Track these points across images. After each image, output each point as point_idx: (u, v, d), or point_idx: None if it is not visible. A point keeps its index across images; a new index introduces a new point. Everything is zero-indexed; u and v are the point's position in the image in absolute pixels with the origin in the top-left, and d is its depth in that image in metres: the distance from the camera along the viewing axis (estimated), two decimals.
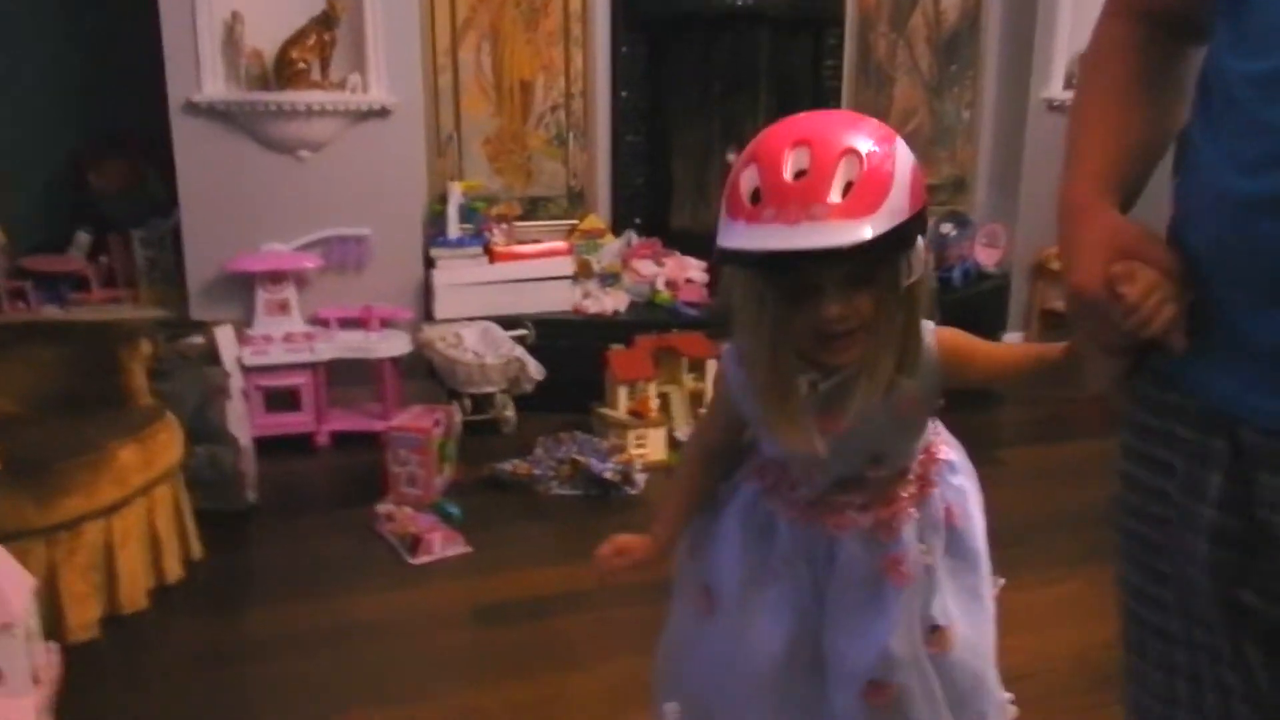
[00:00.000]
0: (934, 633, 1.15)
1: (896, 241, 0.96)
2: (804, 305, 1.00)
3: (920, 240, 1.02)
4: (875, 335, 1.02)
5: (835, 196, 0.93)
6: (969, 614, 1.18)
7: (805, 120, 1.01)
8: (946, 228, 4.09)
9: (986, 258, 4.19)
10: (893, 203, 0.94)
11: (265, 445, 3.05)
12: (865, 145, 0.95)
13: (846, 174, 0.94)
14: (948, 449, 1.21)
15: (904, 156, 0.98)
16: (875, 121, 1.01)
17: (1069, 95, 4.01)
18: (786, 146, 0.96)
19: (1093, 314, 0.85)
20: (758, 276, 1.02)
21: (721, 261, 1.00)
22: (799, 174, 0.94)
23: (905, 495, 1.14)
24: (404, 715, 1.87)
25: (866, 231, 0.92)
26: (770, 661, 1.16)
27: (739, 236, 0.95)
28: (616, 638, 2.13)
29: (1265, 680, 0.82)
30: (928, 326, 1.08)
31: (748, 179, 0.97)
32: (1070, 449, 3.26)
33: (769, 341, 1.03)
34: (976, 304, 3.99)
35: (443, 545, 2.55)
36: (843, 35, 4.00)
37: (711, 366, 3.36)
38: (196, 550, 2.48)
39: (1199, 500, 0.82)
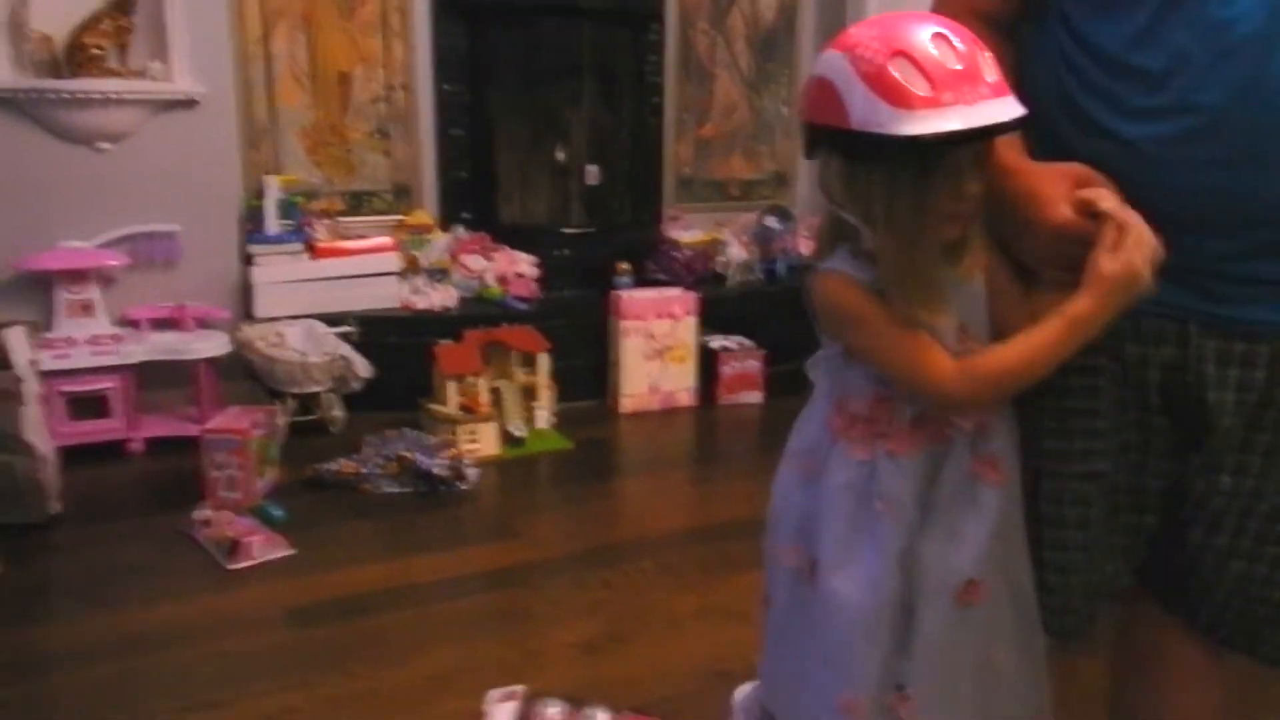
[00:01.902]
0: (1008, 538, 1.15)
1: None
2: (943, 187, 1.02)
3: None
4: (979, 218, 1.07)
5: (990, 77, 0.99)
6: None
7: (921, 17, 1.02)
8: (770, 221, 4.23)
9: (809, 249, 4.36)
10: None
11: (72, 454, 2.89)
12: (969, 36, 1.01)
13: (985, 61, 1.00)
14: None
15: None
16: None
17: None
18: (929, 40, 0.98)
19: (1068, 246, 1.01)
20: (902, 168, 1.01)
21: (949, 141, 0.97)
22: (960, 60, 0.98)
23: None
24: (213, 719, 1.81)
25: (1018, 107, 1.00)
26: (884, 596, 1.12)
27: (929, 122, 0.96)
28: (435, 631, 2.12)
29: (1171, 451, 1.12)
30: None
31: (903, 72, 0.97)
32: None
33: (928, 227, 1.04)
34: (799, 294, 4.13)
35: (263, 549, 2.47)
36: (663, 30, 4.08)
37: (543, 360, 3.38)
38: None
39: (1144, 366, 1.09)
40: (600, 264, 3.79)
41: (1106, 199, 1.00)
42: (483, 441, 3.18)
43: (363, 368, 3.30)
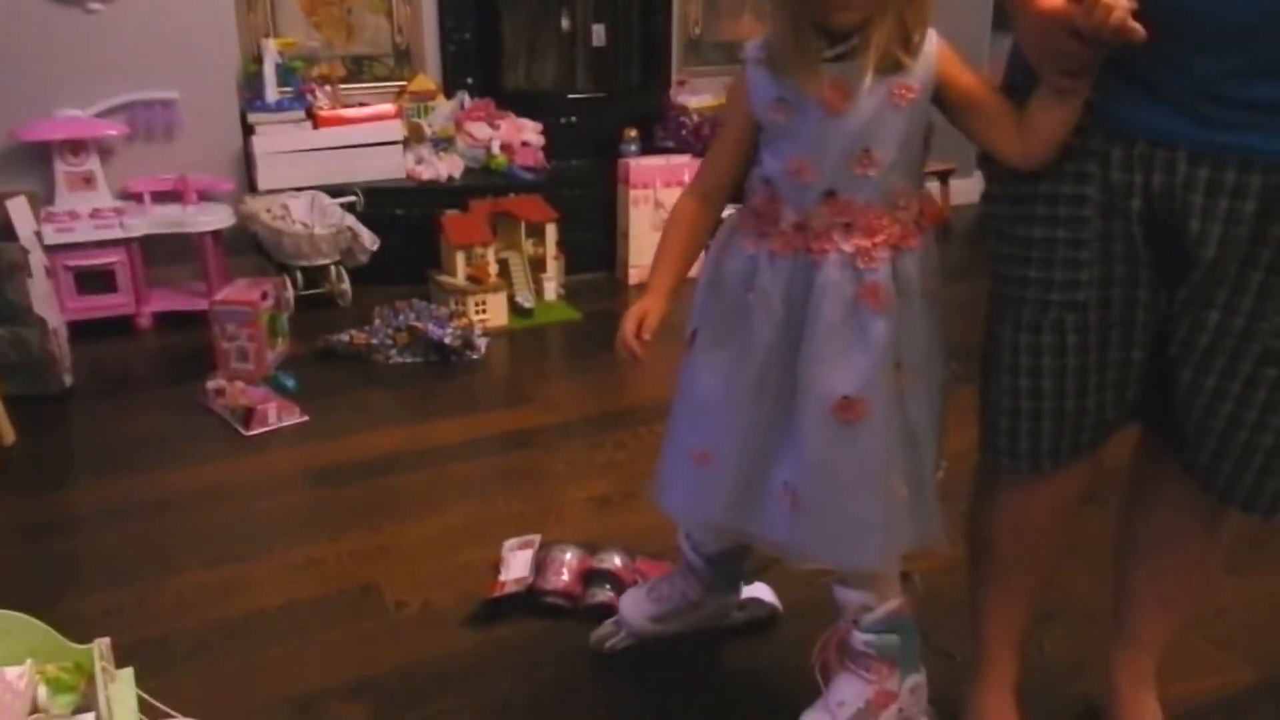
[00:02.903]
0: (897, 369, 1.21)
1: None
2: None
3: None
4: (875, 2, 1.10)
5: None
6: (927, 370, 1.25)
7: None
8: None
9: None
10: None
11: (81, 329, 2.89)
12: None
13: None
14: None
15: None
16: None
17: None
18: None
19: (1062, 31, 1.01)
20: None
21: None
22: None
23: (888, 228, 1.19)
24: (239, 572, 1.85)
25: None
26: (737, 386, 1.25)
27: None
28: (453, 489, 2.16)
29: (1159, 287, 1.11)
30: (930, 32, 1.15)
31: None
32: (951, 291, 3.35)
33: (795, 4, 1.12)
34: None
35: (278, 415, 2.48)
36: None
37: (550, 231, 3.34)
38: (9, 437, 2.34)
39: (1128, 194, 1.07)
40: (607, 131, 3.71)
41: None
42: (491, 312, 3.17)
43: (369, 240, 3.26)
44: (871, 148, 1.15)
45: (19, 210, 2.59)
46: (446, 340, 2.86)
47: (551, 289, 3.40)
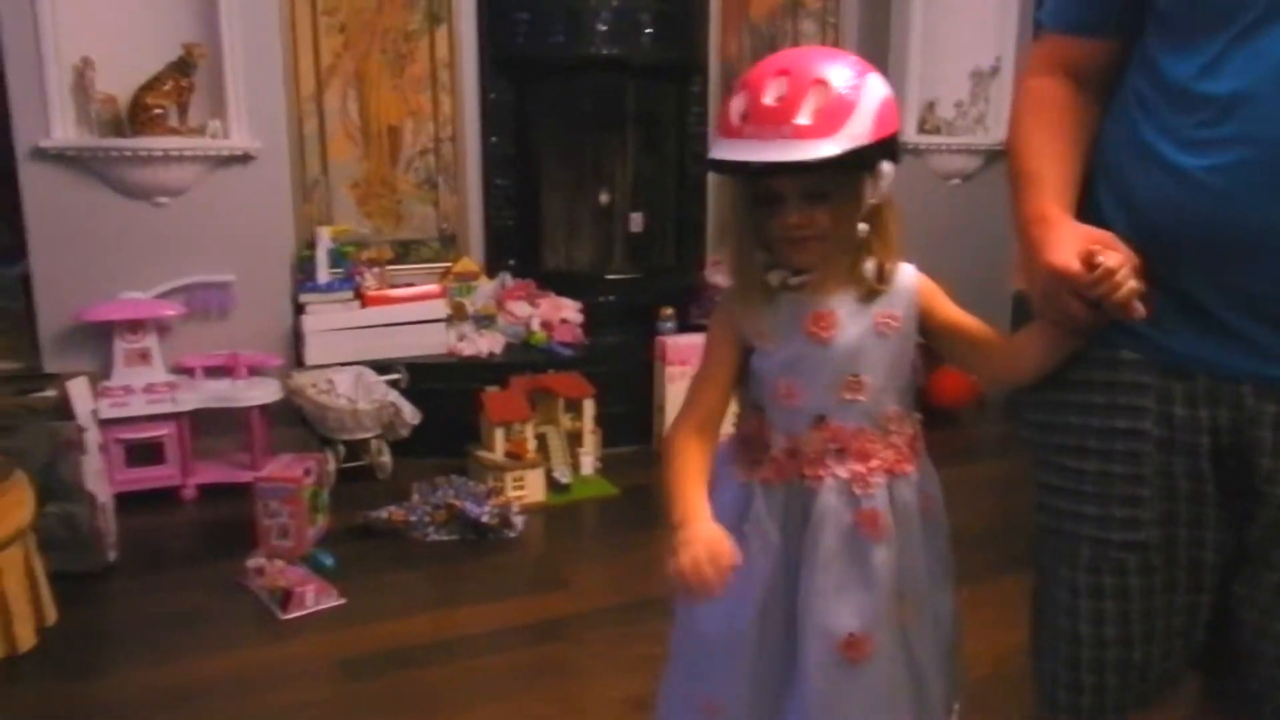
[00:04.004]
0: (900, 600, 1.18)
1: (854, 162, 1.10)
2: (775, 212, 1.14)
3: (888, 165, 1.15)
4: (831, 243, 1.15)
5: (803, 119, 1.07)
6: (933, 601, 1.22)
7: (788, 54, 1.16)
8: None
9: None
10: (852, 128, 1.09)
11: (127, 500, 2.95)
12: (836, 76, 1.10)
13: (815, 100, 1.08)
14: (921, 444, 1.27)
15: (873, 90, 1.12)
16: (852, 57, 1.15)
17: (923, 139, 4.24)
18: (769, 76, 1.10)
19: (1066, 291, 1.02)
20: (738, 185, 1.17)
21: (711, 170, 1.17)
22: (778, 99, 1.08)
23: (882, 453, 1.19)
24: None
25: (825, 149, 1.07)
26: (740, 627, 1.21)
27: (723, 150, 1.11)
28: (480, 686, 2.14)
29: (1232, 523, 1.06)
30: (908, 266, 1.21)
31: (736, 104, 1.12)
32: (986, 467, 3.32)
33: (743, 239, 1.18)
34: None
35: (315, 598, 2.50)
36: (706, 83, 4.12)
37: (588, 406, 3.41)
38: (50, 615, 2.36)
39: (1195, 431, 1.04)
40: (644, 309, 3.83)
41: (1111, 257, 1.00)
42: (529, 488, 3.20)
43: (411, 414, 3.34)
44: (860, 373, 1.17)
45: (78, 390, 2.70)
46: (484, 519, 2.89)
47: (589, 463, 3.44)
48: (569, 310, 3.78)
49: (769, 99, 1.08)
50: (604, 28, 3.68)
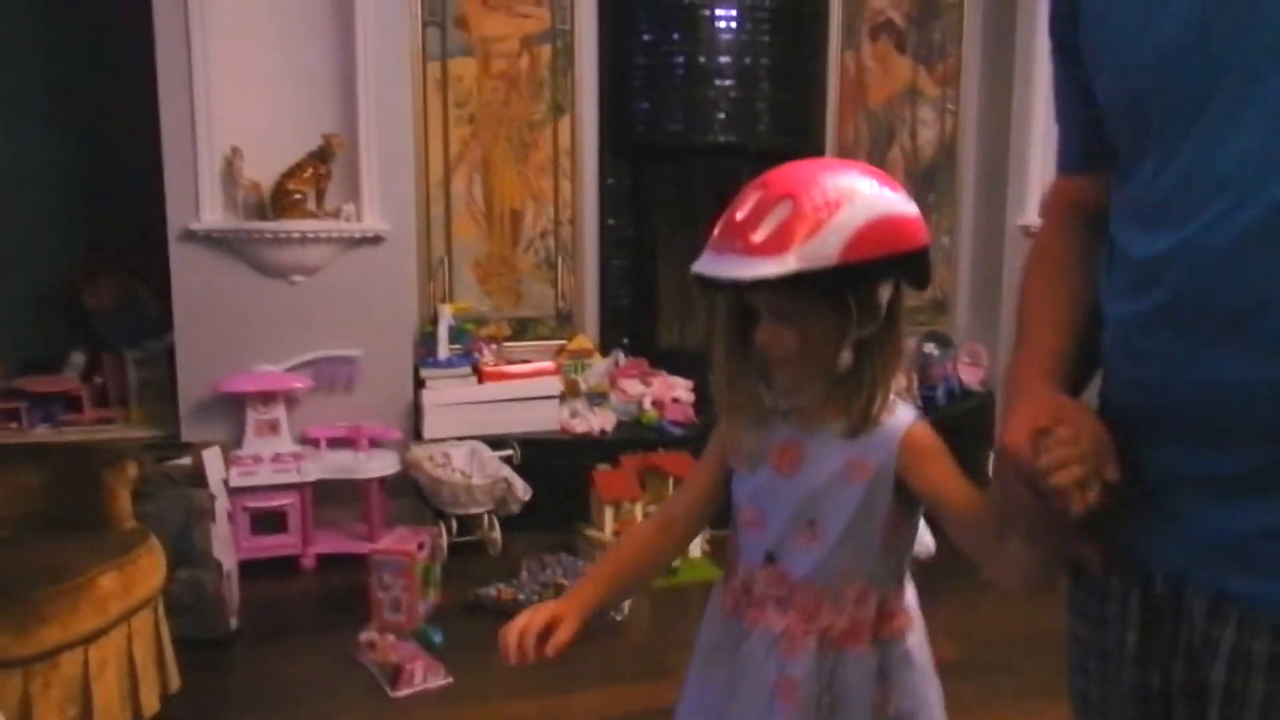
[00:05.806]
0: None
1: (811, 284, 1.00)
2: (756, 326, 1.08)
3: (882, 290, 1.06)
4: (807, 367, 1.07)
5: (758, 236, 1.00)
6: None
7: (784, 167, 1.08)
8: (929, 347, 4.16)
9: (969, 376, 4.26)
10: (810, 248, 0.99)
11: (250, 567, 3.05)
12: (811, 192, 1.01)
13: (777, 217, 1.00)
14: (913, 636, 1.14)
15: (859, 210, 1.01)
16: (854, 172, 1.06)
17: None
18: (752, 189, 1.05)
19: (1011, 472, 0.86)
20: (724, 298, 1.11)
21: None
22: (746, 213, 1.02)
23: (825, 618, 1.08)
24: None
25: (766, 268, 0.99)
26: None
27: (697, 261, 1.06)
28: None
29: None
30: (906, 414, 1.09)
31: (722, 215, 1.07)
32: None
33: (729, 356, 1.12)
34: (961, 422, 4.03)
35: (424, 676, 2.53)
36: None
37: None
38: (174, 682, 2.43)
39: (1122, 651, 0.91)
40: None
41: (1059, 437, 0.83)
42: None
43: (522, 490, 3.38)
44: (816, 519, 1.08)
45: (212, 459, 2.83)
46: None
47: (696, 545, 3.41)
48: (681, 389, 3.79)
49: (741, 213, 1.02)
50: (722, 115, 3.75)
